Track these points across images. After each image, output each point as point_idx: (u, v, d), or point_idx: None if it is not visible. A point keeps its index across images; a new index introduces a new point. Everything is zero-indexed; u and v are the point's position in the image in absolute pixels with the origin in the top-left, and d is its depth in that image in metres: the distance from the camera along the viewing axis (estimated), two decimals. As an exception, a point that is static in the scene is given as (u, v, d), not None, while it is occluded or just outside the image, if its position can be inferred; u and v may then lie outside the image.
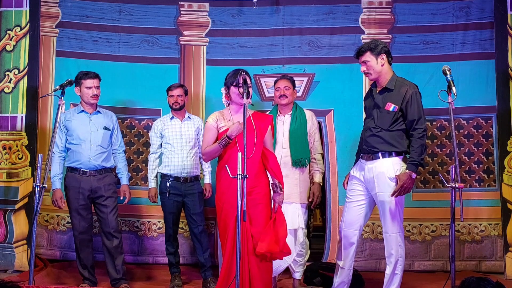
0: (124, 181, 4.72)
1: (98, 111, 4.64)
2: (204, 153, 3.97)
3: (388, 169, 3.86)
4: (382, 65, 3.93)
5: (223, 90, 3.99)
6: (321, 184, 4.56)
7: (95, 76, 4.56)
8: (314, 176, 4.53)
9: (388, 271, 3.94)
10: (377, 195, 3.91)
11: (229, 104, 3.99)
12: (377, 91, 4.00)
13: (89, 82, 4.51)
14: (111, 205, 4.54)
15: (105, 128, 4.60)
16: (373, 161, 3.92)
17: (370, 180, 3.92)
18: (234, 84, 3.84)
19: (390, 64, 3.99)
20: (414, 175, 3.79)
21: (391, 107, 3.89)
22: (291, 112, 4.53)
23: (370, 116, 4.02)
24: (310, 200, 4.46)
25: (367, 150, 3.96)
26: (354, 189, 4.06)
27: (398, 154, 3.89)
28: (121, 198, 4.68)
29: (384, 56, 3.93)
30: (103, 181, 4.53)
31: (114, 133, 4.70)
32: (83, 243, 4.53)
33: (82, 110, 4.59)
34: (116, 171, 4.72)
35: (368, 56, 3.92)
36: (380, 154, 3.89)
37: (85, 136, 4.51)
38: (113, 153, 4.69)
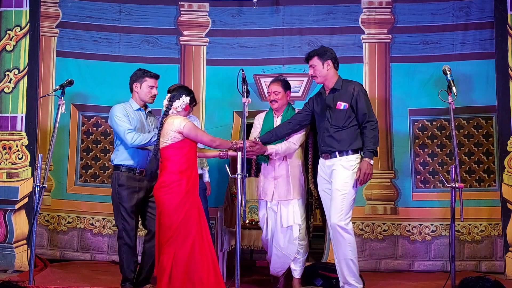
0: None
1: (149, 110, 4.55)
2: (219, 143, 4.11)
3: (345, 163, 4.08)
4: (327, 70, 4.18)
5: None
6: (267, 153, 4.30)
7: (157, 76, 4.46)
8: (271, 147, 4.33)
9: (339, 257, 4.05)
10: (332, 184, 4.09)
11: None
12: (327, 93, 4.24)
13: (152, 82, 4.38)
14: None
15: (157, 127, 4.55)
16: (331, 159, 4.15)
17: (330, 175, 4.16)
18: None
19: (336, 69, 4.25)
20: (372, 162, 4.04)
21: (341, 105, 4.13)
22: (282, 114, 4.54)
23: (322, 117, 4.23)
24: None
25: (325, 150, 4.19)
26: (324, 189, 4.26)
27: (354, 152, 4.11)
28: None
29: (330, 62, 4.19)
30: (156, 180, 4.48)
31: None
32: (132, 245, 4.33)
33: (140, 108, 4.44)
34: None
35: (315, 61, 4.19)
36: (337, 153, 4.12)
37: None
38: None
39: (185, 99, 3.94)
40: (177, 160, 3.85)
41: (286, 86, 4.50)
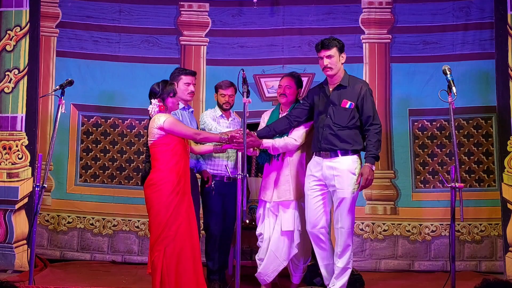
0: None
1: (191, 111, 4.60)
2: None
3: (349, 166, 3.98)
4: (342, 64, 4.09)
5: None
6: (262, 147, 4.21)
7: (194, 73, 4.52)
8: (267, 141, 4.22)
9: (340, 264, 4.00)
10: (337, 192, 3.97)
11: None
12: (331, 89, 4.10)
13: (188, 78, 4.40)
14: None
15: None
16: (332, 159, 4.00)
17: (330, 178, 4.00)
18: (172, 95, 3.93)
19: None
20: (373, 167, 3.95)
21: (347, 104, 4.01)
22: (288, 110, 4.42)
23: (323, 113, 4.08)
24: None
25: (326, 148, 4.02)
26: (312, 188, 4.09)
27: (354, 152, 4.03)
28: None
29: (344, 55, 4.11)
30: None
31: None
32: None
33: (184, 107, 4.50)
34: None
35: (334, 52, 4.04)
36: (339, 152, 4.00)
37: None
38: None
39: (154, 102, 3.93)
40: (164, 157, 3.86)
41: (299, 84, 4.43)
